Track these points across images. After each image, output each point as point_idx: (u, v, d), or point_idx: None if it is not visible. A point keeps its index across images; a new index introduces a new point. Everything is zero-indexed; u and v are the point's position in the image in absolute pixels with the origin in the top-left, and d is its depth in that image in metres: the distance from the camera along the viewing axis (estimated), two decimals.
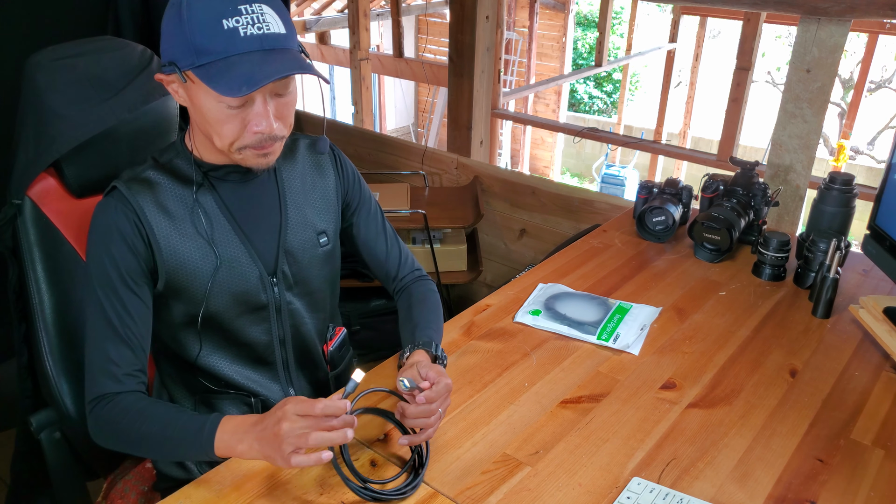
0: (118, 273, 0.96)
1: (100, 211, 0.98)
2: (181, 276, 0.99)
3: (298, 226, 1.08)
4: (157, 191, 0.99)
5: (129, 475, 1.21)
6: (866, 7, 1.54)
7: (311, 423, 0.80)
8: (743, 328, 1.21)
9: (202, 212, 1.00)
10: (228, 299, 1.02)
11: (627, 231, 1.57)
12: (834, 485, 0.88)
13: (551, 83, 5.65)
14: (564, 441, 0.94)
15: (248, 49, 0.88)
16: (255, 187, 1.05)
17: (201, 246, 1.00)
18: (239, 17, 0.88)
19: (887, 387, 1.06)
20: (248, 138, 0.94)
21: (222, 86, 0.87)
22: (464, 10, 2.38)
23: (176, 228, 0.99)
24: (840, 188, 1.37)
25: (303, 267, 1.08)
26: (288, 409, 0.81)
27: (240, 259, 1.02)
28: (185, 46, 0.89)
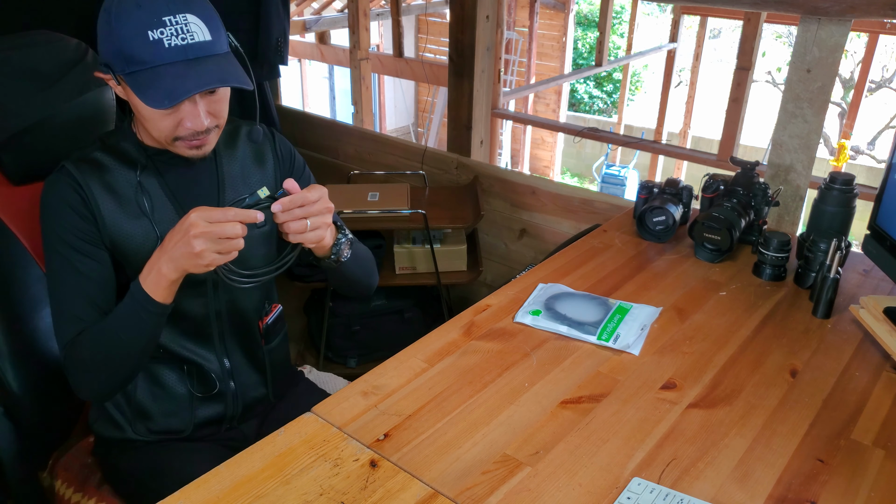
0: (74, 240, 1.03)
1: (49, 187, 1.05)
2: (124, 250, 1.07)
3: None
4: (103, 171, 1.06)
5: (72, 450, 1.28)
6: (867, 7, 1.54)
7: (220, 226, 0.92)
8: (743, 328, 1.21)
9: (145, 192, 1.07)
10: None
11: (627, 231, 1.57)
12: (834, 485, 0.88)
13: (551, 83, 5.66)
14: (565, 441, 0.94)
15: (172, 60, 0.94)
16: (197, 172, 1.12)
17: (144, 224, 1.07)
18: (163, 28, 0.94)
19: (888, 387, 1.06)
20: (182, 132, 1.01)
21: (149, 97, 0.95)
22: (464, 9, 2.37)
23: (120, 207, 1.06)
24: (840, 188, 1.37)
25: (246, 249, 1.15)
26: (196, 220, 0.92)
27: None
28: (116, 53, 0.96)
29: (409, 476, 0.88)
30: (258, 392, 1.26)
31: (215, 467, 0.89)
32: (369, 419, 0.98)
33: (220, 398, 1.20)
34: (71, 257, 1.03)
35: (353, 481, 0.87)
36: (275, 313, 1.25)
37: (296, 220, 0.99)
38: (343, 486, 0.86)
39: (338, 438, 0.94)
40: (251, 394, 1.24)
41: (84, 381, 1.05)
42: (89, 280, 1.04)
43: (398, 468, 0.89)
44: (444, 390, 1.04)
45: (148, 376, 1.16)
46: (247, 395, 1.24)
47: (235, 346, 1.20)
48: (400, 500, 0.84)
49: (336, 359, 2.33)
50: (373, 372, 1.08)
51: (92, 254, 1.04)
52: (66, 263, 1.03)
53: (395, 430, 0.96)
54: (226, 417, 1.22)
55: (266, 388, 1.26)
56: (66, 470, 1.24)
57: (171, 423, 1.18)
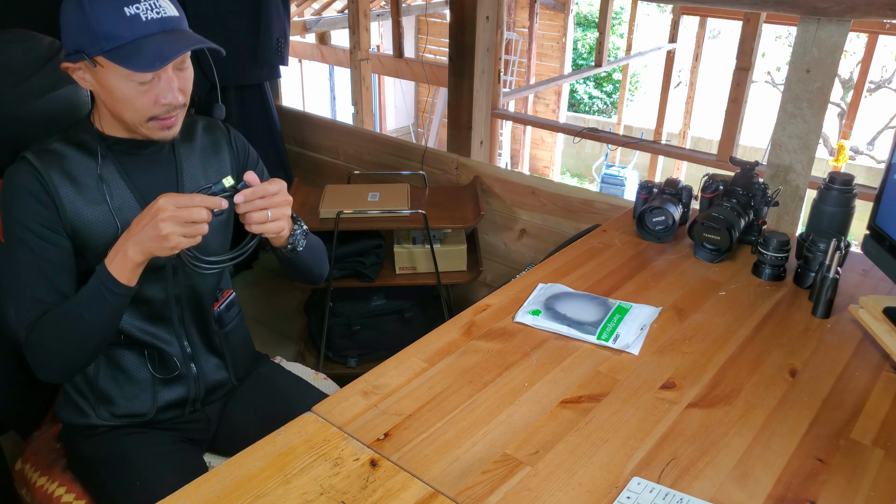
0: (35, 226, 1.06)
1: (9, 176, 1.07)
2: (84, 236, 1.09)
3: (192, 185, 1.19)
4: (63, 161, 1.08)
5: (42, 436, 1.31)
6: (866, 7, 1.54)
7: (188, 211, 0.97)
8: (743, 328, 1.21)
9: (105, 181, 1.10)
10: None
11: (627, 231, 1.57)
12: (834, 485, 0.88)
13: (551, 83, 5.66)
14: (564, 441, 0.94)
15: (151, 31, 1.01)
16: (155, 161, 1.16)
17: (104, 211, 1.10)
18: (138, 4, 1.00)
19: (887, 387, 1.07)
20: (157, 109, 1.05)
21: (136, 64, 0.99)
22: (464, 10, 2.38)
23: (80, 195, 1.08)
24: (840, 188, 1.37)
25: None
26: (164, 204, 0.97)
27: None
28: (91, 34, 0.99)
29: (409, 475, 0.88)
30: (220, 375, 1.29)
31: (216, 467, 0.89)
32: (369, 419, 0.98)
33: (182, 381, 1.23)
34: (31, 243, 1.06)
35: (354, 481, 0.87)
36: (227, 299, 1.29)
37: (257, 211, 1.04)
38: (343, 486, 0.86)
39: (338, 438, 0.94)
40: (213, 377, 1.28)
41: (45, 362, 1.08)
42: (50, 264, 1.07)
43: (398, 468, 0.89)
44: (444, 390, 1.04)
45: (110, 361, 1.19)
46: (208, 378, 1.27)
47: (194, 329, 1.24)
48: (400, 499, 0.84)
49: (336, 359, 2.33)
50: (373, 372, 1.08)
51: (53, 240, 1.07)
52: (27, 248, 1.06)
53: (396, 429, 0.96)
54: (188, 400, 1.25)
55: (227, 372, 1.30)
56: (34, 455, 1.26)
57: (134, 406, 1.20)
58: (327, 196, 2.22)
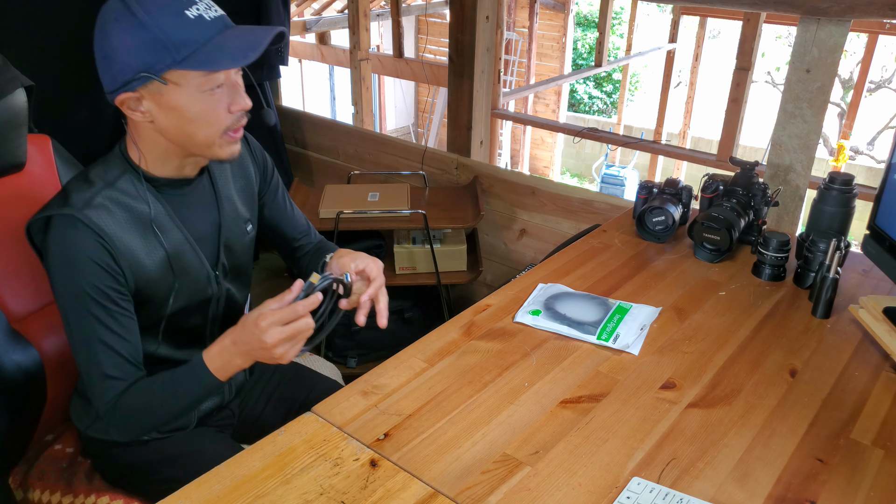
0: (102, 296, 0.98)
1: (60, 242, 0.97)
2: (145, 293, 1.04)
3: (232, 220, 1.15)
4: (113, 213, 1.00)
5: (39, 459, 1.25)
6: (866, 7, 1.54)
7: (293, 327, 0.93)
8: (743, 328, 1.21)
9: (158, 228, 1.04)
10: (185, 300, 1.10)
11: (627, 231, 1.57)
12: (834, 485, 0.88)
13: (551, 83, 5.66)
14: (564, 441, 0.94)
15: (218, 30, 0.95)
16: (197, 195, 1.11)
17: (161, 261, 1.05)
18: (195, 4, 0.94)
19: (887, 387, 1.07)
20: (230, 118, 1.00)
21: (223, 62, 0.93)
22: (464, 10, 2.38)
23: (139, 249, 1.02)
24: (840, 188, 1.37)
25: (237, 256, 1.17)
26: (265, 324, 0.93)
27: (193, 265, 1.09)
28: (159, 48, 0.91)
29: (409, 475, 0.88)
30: (241, 374, 1.31)
31: (215, 467, 0.89)
32: (369, 419, 0.98)
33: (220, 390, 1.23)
34: (99, 315, 0.99)
35: (354, 481, 0.87)
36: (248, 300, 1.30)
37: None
38: (343, 486, 0.86)
39: (338, 438, 0.94)
40: (238, 378, 1.29)
41: (127, 432, 1.06)
42: (121, 338, 1.01)
43: (398, 468, 0.89)
44: (443, 390, 1.04)
45: None
46: (236, 379, 1.29)
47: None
48: (400, 499, 0.84)
49: (336, 359, 2.34)
50: (373, 372, 1.08)
51: (120, 305, 1.01)
52: (95, 322, 0.99)
53: (395, 429, 0.96)
54: (223, 404, 1.26)
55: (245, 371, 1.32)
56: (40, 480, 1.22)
57: (178, 422, 1.18)
58: (327, 196, 2.22)
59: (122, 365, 1.01)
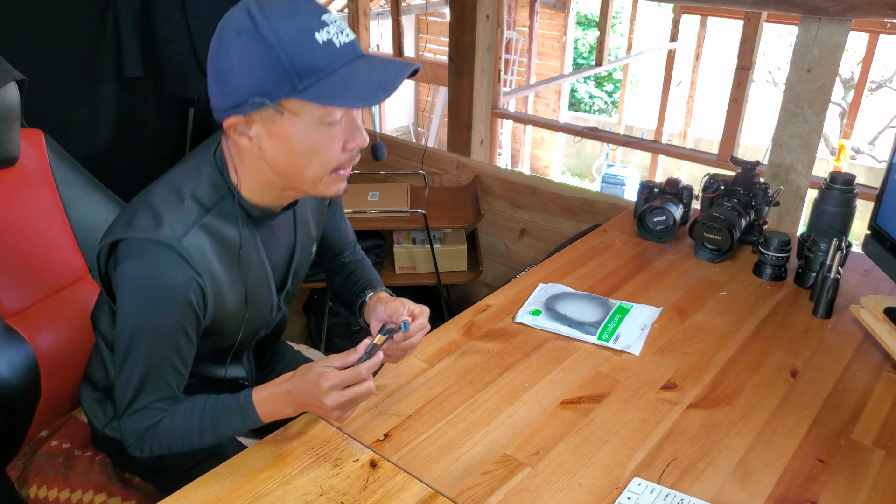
0: (180, 334, 0.91)
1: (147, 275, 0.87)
2: (218, 323, 0.97)
3: (305, 245, 1.09)
4: (211, 242, 0.91)
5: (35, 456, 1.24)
6: (867, 7, 1.54)
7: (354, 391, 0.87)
8: (744, 328, 1.21)
9: (243, 261, 0.96)
10: (251, 331, 1.05)
11: (628, 231, 1.57)
12: (835, 485, 0.87)
13: (551, 83, 5.65)
14: (565, 441, 0.94)
15: (347, 59, 0.84)
16: (282, 226, 1.03)
17: (240, 295, 0.98)
18: (327, 27, 0.82)
19: (888, 387, 1.06)
20: (343, 156, 0.89)
21: (350, 98, 0.82)
22: (464, 9, 2.37)
23: (223, 281, 0.94)
24: (841, 188, 1.37)
25: (299, 277, 1.12)
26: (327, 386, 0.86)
27: (265, 296, 1.04)
28: (280, 72, 0.81)
29: (409, 476, 0.88)
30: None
31: (215, 467, 0.89)
32: (369, 419, 0.98)
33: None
34: (168, 353, 0.92)
35: (354, 481, 0.87)
36: None
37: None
38: (343, 487, 0.86)
39: (338, 439, 0.94)
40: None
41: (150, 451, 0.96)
42: (178, 372, 0.94)
43: (398, 468, 0.89)
44: (444, 390, 1.04)
45: None
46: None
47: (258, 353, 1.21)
48: (400, 500, 0.84)
49: None
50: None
51: (192, 342, 0.94)
52: (161, 358, 0.92)
53: (395, 430, 0.96)
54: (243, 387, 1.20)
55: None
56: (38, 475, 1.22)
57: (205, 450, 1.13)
58: None
59: (170, 397, 0.95)
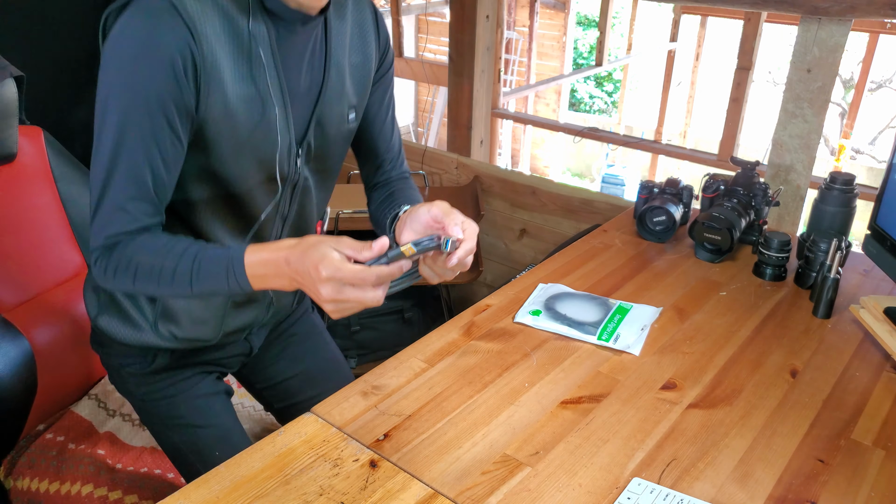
0: (159, 109, 0.79)
1: (134, 27, 0.78)
2: (217, 126, 0.84)
3: (335, 95, 0.96)
4: (211, 13, 0.80)
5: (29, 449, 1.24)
6: (867, 7, 1.54)
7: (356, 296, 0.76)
8: (744, 328, 1.21)
9: (254, 53, 0.83)
10: (251, 163, 0.90)
11: (628, 231, 1.57)
12: (834, 485, 0.87)
13: (551, 83, 5.65)
14: (565, 441, 0.94)
15: None
16: (306, 38, 0.90)
17: (250, 96, 0.85)
18: None
19: (888, 387, 1.06)
20: None
21: None
22: (464, 9, 2.37)
23: (224, 67, 0.82)
24: (841, 188, 1.37)
25: (328, 141, 0.99)
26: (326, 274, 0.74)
27: (276, 124, 0.90)
28: None
29: (408, 476, 0.88)
30: (287, 299, 1.16)
31: (215, 467, 0.89)
32: (369, 419, 0.98)
33: (255, 306, 1.09)
34: (145, 134, 0.80)
35: (353, 481, 0.87)
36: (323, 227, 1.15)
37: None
38: (343, 487, 0.86)
39: (337, 438, 0.94)
40: (282, 301, 1.14)
41: (114, 282, 0.86)
42: (156, 172, 0.82)
43: (398, 468, 0.89)
44: (444, 390, 1.04)
45: None
46: (280, 302, 1.13)
47: None
48: (400, 500, 0.84)
49: None
50: (373, 372, 1.08)
51: (175, 134, 0.81)
52: (136, 140, 0.80)
53: (395, 430, 0.96)
54: (253, 326, 1.13)
55: (293, 295, 1.17)
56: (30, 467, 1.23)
57: (201, 331, 1.05)
58: None
59: (145, 201, 0.83)
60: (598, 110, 9.82)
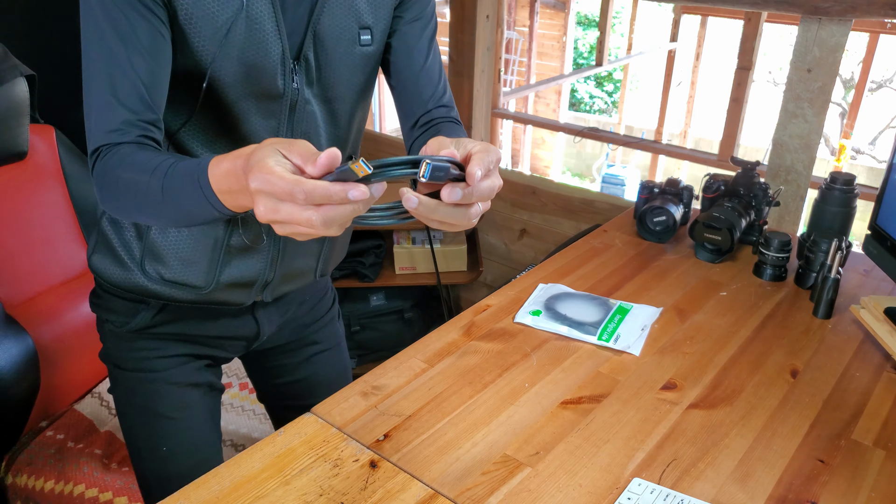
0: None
1: None
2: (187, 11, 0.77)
3: (340, 6, 0.86)
4: None
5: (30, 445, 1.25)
6: (867, 7, 1.54)
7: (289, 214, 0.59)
8: (744, 328, 1.21)
9: None
10: (238, 68, 0.81)
11: (628, 231, 1.57)
12: (835, 485, 0.87)
13: (552, 83, 5.65)
14: (565, 442, 0.94)
15: None
16: None
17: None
18: None
19: (888, 387, 1.06)
20: None
21: None
22: (464, 9, 2.37)
23: None
24: (841, 188, 1.37)
25: (332, 61, 0.87)
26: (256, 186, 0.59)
27: (263, 22, 0.80)
28: None
29: (409, 476, 0.88)
30: (304, 263, 1.01)
31: (214, 468, 0.89)
32: (369, 419, 0.98)
33: (258, 257, 0.96)
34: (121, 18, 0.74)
35: (353, 482, 0.87)
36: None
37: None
38: (343, 487, 0.86)
39: (337, 439, 0.94)
40: (296, 262, 1.00)
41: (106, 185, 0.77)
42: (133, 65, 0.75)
43: (398, 469, 0.89)
44: (444, 391, 1.04)
45: None
46: (292, 261, 1.00)
47: None
48: (400, 500, 0.84)
49: None
50: (372, 372, 1.08)
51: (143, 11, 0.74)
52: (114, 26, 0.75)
53: (395, 430, 0.96)
54: (255, 284, 0.99)
55: (315, 261, 1.02)
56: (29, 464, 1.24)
57: (190, 273, 0.94)
58: None
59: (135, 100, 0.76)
60: (599, 110, 9.82)
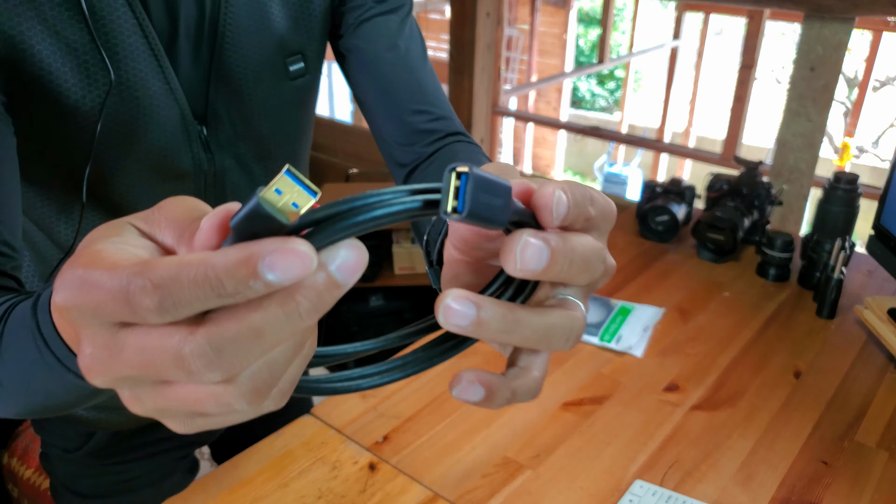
0: None
1: None
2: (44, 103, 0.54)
3: (247, 35, 0.62)
4: None
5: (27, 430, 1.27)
6: (870, 5, 1.53)
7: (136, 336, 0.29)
8: (747, 329, 1.20)
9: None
10: (126, 153, 0.59)
11: (630, 231, 1.56)
12: (838, 487, 0.87)
13: (553, 80, 5.64)
14: (566, 444, 0.93)
15: None
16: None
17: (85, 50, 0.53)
18: None
19: (892, 388, 1.05)
20: None
21: None
22: (464, 6, 2.36)
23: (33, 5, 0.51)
24: (845, 187, 1.36)
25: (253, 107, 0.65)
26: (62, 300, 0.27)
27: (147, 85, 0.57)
28: None
29: (408, 479, 0.87)
30: None
31: (213, 470, 0.88)
32: (368, 421, 0.97)
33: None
34: None
35: (352, 484, 0.86)
36: None
37: None
38: (342, 489, 0.85)
39: (336, 441, 0.93)
40: None
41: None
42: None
43: (397, 471, 0.88)
44: (443, 392, 1.03)
45: None
46: None
47: None
48: (399, 502, 0.84)
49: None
50: None
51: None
52: None
53: (395, 432, 0.95)
54: None
55: None
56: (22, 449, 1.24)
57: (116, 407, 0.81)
58: (326, 195, 2.21)
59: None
60: (600, 108, 9.81)
